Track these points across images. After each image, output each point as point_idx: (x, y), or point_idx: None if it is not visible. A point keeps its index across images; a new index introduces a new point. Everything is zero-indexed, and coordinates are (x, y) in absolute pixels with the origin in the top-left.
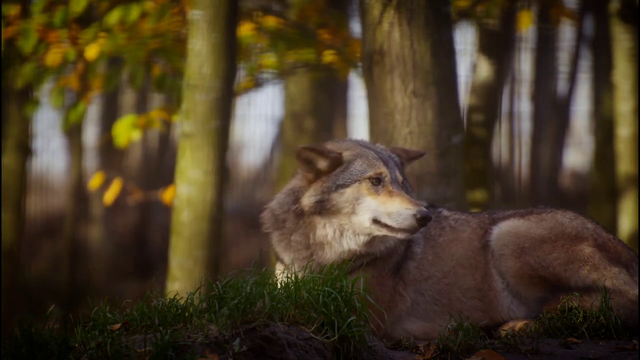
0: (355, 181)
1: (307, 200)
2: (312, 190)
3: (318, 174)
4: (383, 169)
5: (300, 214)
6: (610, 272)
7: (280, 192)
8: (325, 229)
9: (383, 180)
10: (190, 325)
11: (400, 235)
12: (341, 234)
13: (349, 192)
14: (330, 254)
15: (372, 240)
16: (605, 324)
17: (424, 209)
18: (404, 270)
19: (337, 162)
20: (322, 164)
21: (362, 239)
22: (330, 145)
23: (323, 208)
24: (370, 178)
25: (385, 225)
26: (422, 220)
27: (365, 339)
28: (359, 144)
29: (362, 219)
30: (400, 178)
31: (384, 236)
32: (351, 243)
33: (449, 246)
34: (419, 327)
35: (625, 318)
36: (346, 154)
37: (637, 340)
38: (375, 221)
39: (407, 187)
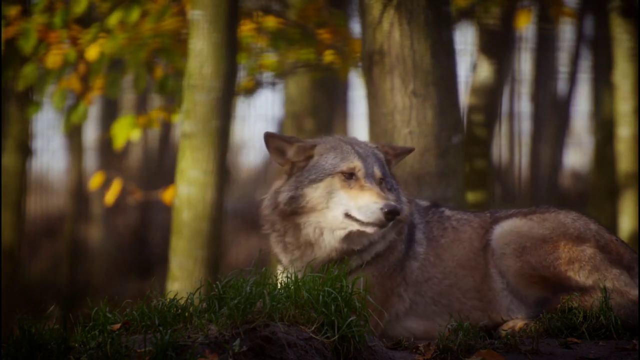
0: (328, 175)
1: (282, 196)
2: (287, 186)
3: (293, 167)
4: (357, 163)
5: (284, 215)
6: (612, 273)
7: (267, 193)
8: (306, 229)
9: (356, 175)
10: (190, 325)
11: (369, 229)
12: (321, 233)
13: (322, 186)
14: (319, 253)
15: (350, 235)
16: (606, 324)
17: (392, 203)
18: (407, 269)
19: (307, 154)
20: (290, 152)
21: (339, 234)
22: (306, 140)
23: (298, 205)
24: (342, 172)
25: (356, 219)
26: (389, 214)
27: (365, 339)
28: (338, 138)
29: (336, 214)
30: (378, 173)
31: (358, 231)
32: (331, 240)
33: (450, 247)
34: (418, 325)
35: (626, 318)
36: (319, 147)
37: (637, 340)
38: (347, 215)
39: (390, 184)
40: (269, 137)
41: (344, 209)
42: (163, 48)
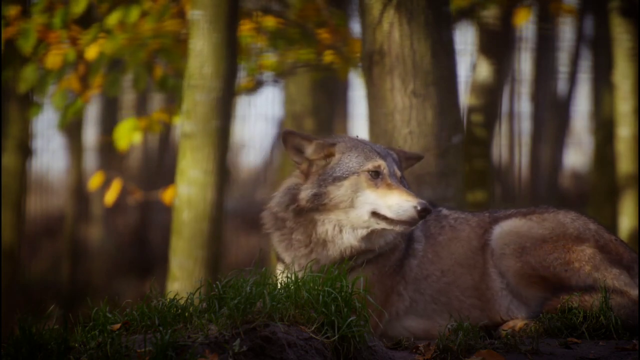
0: (353, 173)
1: (304, 193)
2: (309, 184)
3: (311, 165)
4: (381, 162)
5: (299, 212)
6: (611, 273)
7: (278, 191)
8: (324, 226)
9: (382, 173)
10: (190, 325)
11: (398, 228)
12: (340, 230)
13: (346, 184)
14: (332, 251)
15: (371, 234)
16: (606, 324)
17: (424, 202)
18: (406, 267)
19: (327, 152)
20: (309, 150)
21: (361, 233)
22: (325, 138)
23: (320, 203)
24: (368, 170)
25: (385, 218)
26: (423, 212)
27: (366, 339)
28: (353, 138)
29: (361, 212)
30: (398, 173)
31: (382, 230)
32: (350, 239)
33: (448, 245)
34: (418, 324)
35: (626, 318)
36: (340, 146)
37: (637, 340)
38: (375, 214)
39: (404, 184)
40: (287, 135)
41: (371, 207)
42: (163, 48)
